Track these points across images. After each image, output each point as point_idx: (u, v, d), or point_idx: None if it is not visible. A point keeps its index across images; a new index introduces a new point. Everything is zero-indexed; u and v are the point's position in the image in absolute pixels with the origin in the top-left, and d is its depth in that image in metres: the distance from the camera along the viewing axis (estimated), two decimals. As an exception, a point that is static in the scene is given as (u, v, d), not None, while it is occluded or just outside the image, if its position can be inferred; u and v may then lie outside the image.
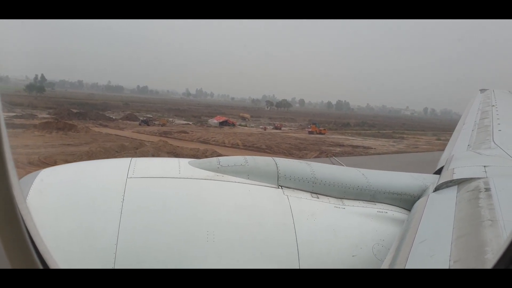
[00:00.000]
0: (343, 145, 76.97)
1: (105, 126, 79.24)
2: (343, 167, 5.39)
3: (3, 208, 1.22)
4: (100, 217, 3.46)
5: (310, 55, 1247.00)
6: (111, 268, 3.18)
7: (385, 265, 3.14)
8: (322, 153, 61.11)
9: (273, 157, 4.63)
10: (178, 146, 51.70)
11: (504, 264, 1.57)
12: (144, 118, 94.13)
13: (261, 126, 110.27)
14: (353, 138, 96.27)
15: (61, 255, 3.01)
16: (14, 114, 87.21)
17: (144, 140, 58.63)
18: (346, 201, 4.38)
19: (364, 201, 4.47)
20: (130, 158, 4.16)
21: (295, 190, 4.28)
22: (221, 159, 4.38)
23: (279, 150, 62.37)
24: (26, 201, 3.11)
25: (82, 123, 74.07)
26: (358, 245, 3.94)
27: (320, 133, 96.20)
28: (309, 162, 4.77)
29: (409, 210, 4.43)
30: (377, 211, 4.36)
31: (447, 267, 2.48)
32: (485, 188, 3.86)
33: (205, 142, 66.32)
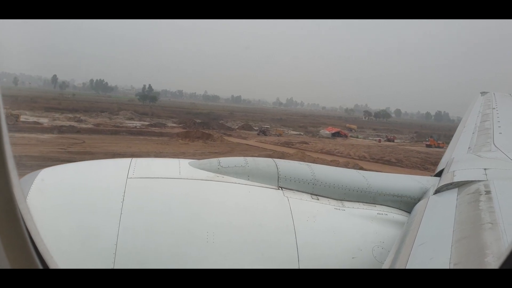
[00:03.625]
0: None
1: (229, 135, 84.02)
2: (343, 168, 5.41)
3: (3, 208, 1.22)
4: (100, 217, 3.48)
5: (405, 59, 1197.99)
6: (110, 268, 3.25)
7: (385, 267, 3.20)
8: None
9: (273, 159, 4.68)
10: (317, 158, 53.66)
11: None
12: (262, 128, 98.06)
13: (375, 138, 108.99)
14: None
15: (61, 255, 3.08)
16: (148, 123, 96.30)
17: (274, 150, 61.41)
18: (346, 203, 4.40)
19: (364, 203, 4.48)
20: (131, 158, 4.18)
21: (295, 192, 4.29)
22: (222, 159, 4.39)
23: (412, 164, 61.60)
24: (26, 200, 3.80)
25: (214, 132, 79.34)
26: (358, 247, 3.97)
27: (438, 147, 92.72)
28: (309, 164, 4.79)
29: (409, 212, 4.45)
30: (377, 213, 4.37)
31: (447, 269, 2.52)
32: (485, 191, 3.84)
33: (329, 153, 67.60)
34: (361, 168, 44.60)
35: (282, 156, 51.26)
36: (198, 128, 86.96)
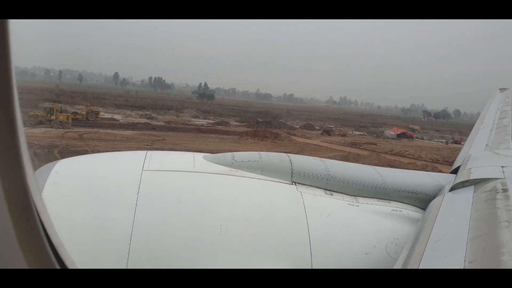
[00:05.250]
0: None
1: (293, 134, 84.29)
2: (357, 164, 5.28)
3: (20, 208, 1.21)
4: (116, 209, 3.51)
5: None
6: (125, 262, 3.26)
7: (398, 264, 3.13)
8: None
9: (287, 153, 4.63)
10: (394, 160, 52.93)
11: None
12: (326, 128, 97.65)
13: (441, 140, 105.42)
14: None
15: (76, 246, 3.16)
16: (213, 121, 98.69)
17: (344, 151, 61.09)
18: (360, 199, 4.35)
19: (379, 199, 4.42)
20: (146, 151, 4.20)
21: (308, 187, 4.26)
22: (236, 154, 4.39)
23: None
24: (42, 192, 3.38)
25: (280, 132, 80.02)
26: (371, 243, 3.92)
27: None
28: (323, 159, 4.73)
29: (424, 209, 4.37)
30: (392, 210, 4.31)
31: (461, 268, 2.45)
32: (502, 189, 3.74)
33: (400, 155, 66.25)
34: (435, 169, 43.77)
35: (357, 157, 51.08)
36: (261, 127, 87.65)
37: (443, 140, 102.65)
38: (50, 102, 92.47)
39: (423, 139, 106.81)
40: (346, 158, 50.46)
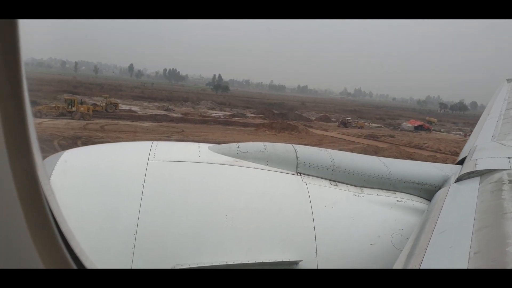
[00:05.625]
0: None
1: (309, 126, 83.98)
2: (363, 155, 5.27)
3: (33, 206, 1.20)
4: (121, 199, 3.52)
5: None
6: (131, 251, 3.26)
7: (403, 255, 3.11)
8: None
9: (293, 144, 4.62)
10: (413, 153, 52.55)
11: None
12: (343, 120, 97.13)
13: (458, 132, 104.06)
14: None
15: (83, 235, 3.35)
16: (229, 113, 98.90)
17: (362, 143, 60.72)
18: (365, 190, 4.34)
19: (384, 190, 4.41)
20: (152, 142, 4.20)
21: (314, 178, 4.27)
22: (241, 145, 4.38)
23: None
24: (49, 182, 3.52)
25: (297, 124, 79.83)
26: (376, 233, 3.91)
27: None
28: (328, 150, 4.72)
29: (430, 200, 4.35)
30: (397, 200, 4.30)
31: (466, 259, 2.42)
32: (508, 180, 3.71)
33: (418, 147, 65.61)
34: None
35: (377, 150, 50.80)
36: (277, 118, 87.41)
37: (461, 133, 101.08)
38: (69, 94, 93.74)
39: (441, 131, 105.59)
40: (365, 150, 50.22)
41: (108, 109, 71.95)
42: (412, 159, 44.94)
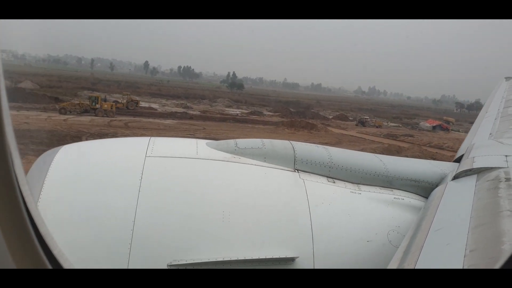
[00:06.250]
0: None
1: (327, 125, 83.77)
2: (360, 152, 5.25)
3: (8, 209, 1.17)
4: (119, 194, 3.50)
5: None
6: (127, 247, 3.25)
7: (399, 252, 3.10)
8: None
9: (290, 141, 4.60)
10: (436, 153, 52.28)
11: None
12: (361, 119, 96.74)
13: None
14: None
15: (80, 231, 3.25)
16: (246, 111, 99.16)
17: (382, 143, 60.42)
18: (362, 187, 4.34)
19: (381, 187, 4.41)
20: (149, 137, 4.20)
21: (311, 174, 4.27)
22: (239, 141, 4.38)
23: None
24: (46, 177, 3.40)
25: (316, 122, 79.80)
26: (373, 230, 3.92)
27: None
28: (326, 147, 4.70)
29: (427, 197, 4.33)
30: (394, 198, 4.30)
31: (462, 256, 2.41)
32: (505, 178, 3.69)
33: (439, 147, 65.15)
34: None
35: (399, 150, 50.66)
36: (294, 117, 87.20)
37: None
38: (88, 91, 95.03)
39: (459, 131, 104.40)
40: (387, 150, 50.08)
41: (129, 106, 72.74)
42: (434, 159, 44.74)
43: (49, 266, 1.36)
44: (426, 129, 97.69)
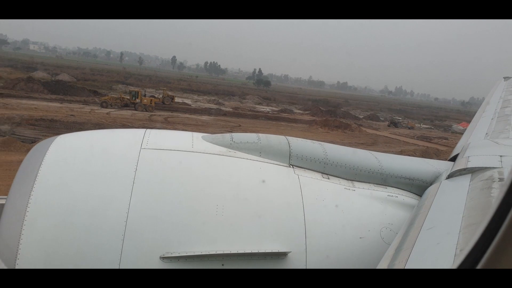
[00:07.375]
0: None
1: (359, 125, 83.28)
2: (356, 149, 5.16)
3: None
4: (113, 185, 3.51)
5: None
6: (121, 238, 3.27)
7: (391, 249, 3.08)
8: None
9: (286, 136, 4.57)
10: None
11: (469, 264, 1.52)
12: (393, 120, 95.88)
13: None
14: None
15: (74, 220, 3.24)
16: (276, 108, 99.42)
17: (417, 145, 59.87)
18: (357, 183, 4.35)
19: (375, 184, 4.41)
20: (145, 130, 4.20)
21: (306, 170, 4.27)
22: (234, 135, 4.37)
23: None
24: (41, 166, 3.42)
25: (349, 122, 79.47)
26: (366, 227, 3.92)
27: None
28: (322, 143, 4.68)
29: (420, 195, 4.32)
30: (388, 195, 4.30)
31: (452, 255, 2.39)
32: (499, 178, 3.67)
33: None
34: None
35: (438, 153, 50.15)
36: (325, 115, 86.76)
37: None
38: (122, 84, 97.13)
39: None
40: (426, 152, 49.66)
41: (165, 101, 74.03)
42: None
43: (4, 266, 1.33)
44: (460, 131, 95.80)
